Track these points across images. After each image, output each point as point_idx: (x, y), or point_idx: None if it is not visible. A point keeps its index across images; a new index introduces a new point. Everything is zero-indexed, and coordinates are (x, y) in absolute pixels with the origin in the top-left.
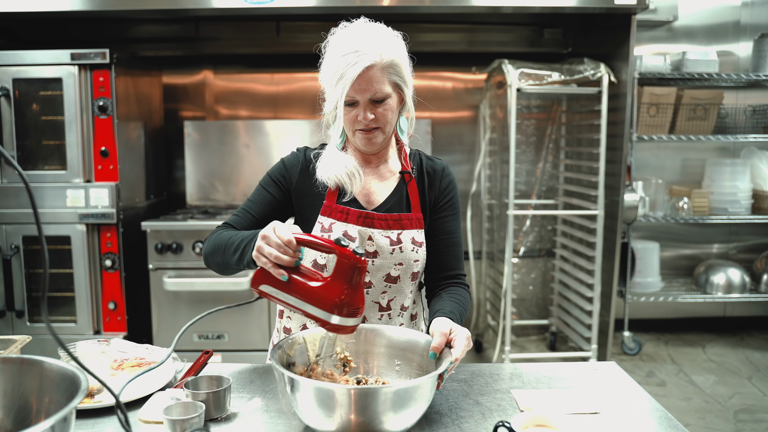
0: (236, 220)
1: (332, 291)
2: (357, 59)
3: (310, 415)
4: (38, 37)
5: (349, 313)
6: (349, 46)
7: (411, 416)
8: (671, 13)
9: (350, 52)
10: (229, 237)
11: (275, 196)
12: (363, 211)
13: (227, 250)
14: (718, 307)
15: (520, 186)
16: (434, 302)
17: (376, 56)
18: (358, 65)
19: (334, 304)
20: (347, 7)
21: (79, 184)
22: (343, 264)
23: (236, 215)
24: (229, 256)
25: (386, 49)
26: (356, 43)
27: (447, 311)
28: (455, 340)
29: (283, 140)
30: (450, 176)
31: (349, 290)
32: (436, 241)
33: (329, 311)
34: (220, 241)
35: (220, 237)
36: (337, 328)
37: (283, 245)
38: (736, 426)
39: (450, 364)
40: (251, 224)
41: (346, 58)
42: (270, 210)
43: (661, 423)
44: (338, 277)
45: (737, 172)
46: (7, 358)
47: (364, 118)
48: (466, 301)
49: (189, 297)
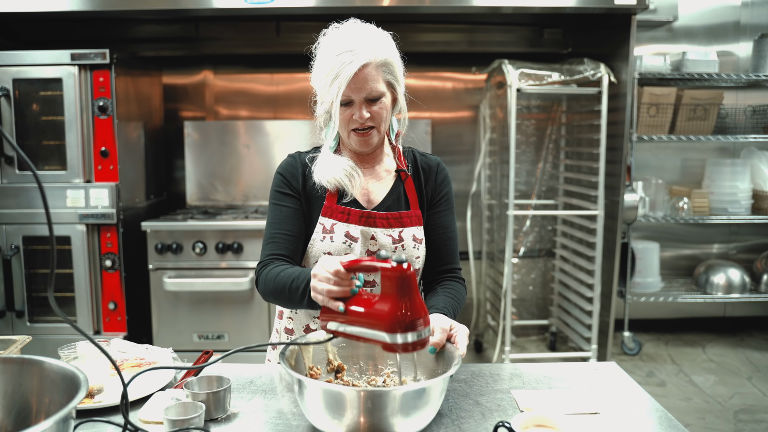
0: (278, 247)
1: (384, 308)
2: (352, 58)
3: (318, 417)
4: (38, 37)
5: (409, 326)
6: (344, 46)
7: (422, 419)
8: (671, 13)
9: (345, 51)
10: (290, 279)
11: (294, 207)
12: (364, 210)
13: (292, 293)
14: (718, 307)
15: (520, 186)
16: (429, 297)
17: (371, 55)
18: (354, 64)
19: (392, 322)
20: (347, 7)
21: (79, 184)
22: (388, 278)
23: (273, 242)
24: (297, 301)
25: (380, 48)
26: (350, 42)
27: (441, 307)
28: (457, 336)
29: (283, 140)
30: (444, 171)
31: (402, 303)
32: (433, 236)
33: (390, 331)
34: (280, 283)
35: (279, 278)
36: (405, 347)
37: (332, 276)
38: (736, 426)
39: (459, 361)
40: (292, 243)
41: (341, 57)
42: (299, 222)
43: (661, 423)
44: (387, 293)
45: (737, 173)
46: (7, 358)
47: (360, 117)
48: (461, 295)
49: (189, 297)
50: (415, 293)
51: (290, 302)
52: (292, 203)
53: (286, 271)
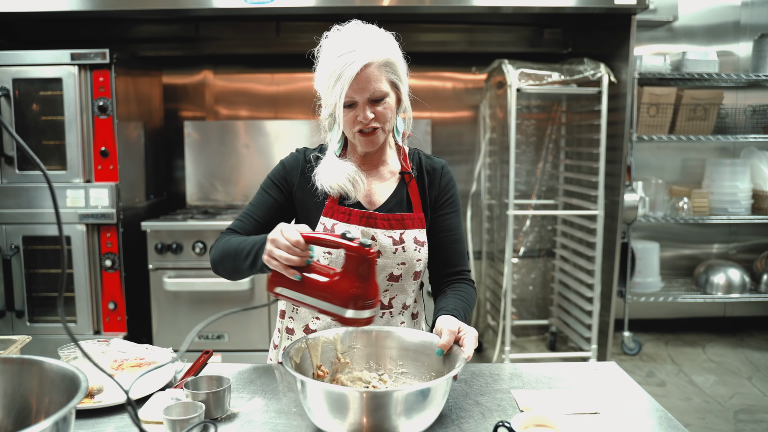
0: (240, 225)
1: (344, 285)
2: (354, 58)
3: (321, 418)
4: (38, 37)
5: (363, 305)
6: (345, 47)
7: (425, 420)
8: (671, 13)
9: (346, 52)
10: (238, 243)
11: (277, 199)
12: (365, 211)
13: (237, 256)
14: (718, 307)
15: (520, 186)
16: (439, 299)
17: (373, 54)
18: (356, 64)
19: (347, 298)
20: (347, 7)
21: (79, 184)
22: (352, 257)
23: (240, 220)
24: (240, 262)
25: (382, 47)
26: (351, 43)
27: (451, 309)
28: (464, 338)
29: (283, 140)
30: (449, 174)
31: (360, 282)
32: (439, 239)
33: (343, 305)
34: (228, 247)
35: (227, 243)
36: (353, 321)
37: (291, 246)
38: (736, 426)
39: (463, 362)
40: (255, 229)
41: (343, 58)
42: (273, 213)
43: (661, 423)
44: (348, 270)
45: (737, 173)
46: (7, 358)
47: (364, 117)
48: (471, 297)
49: (189, 297)
50: (373, 276)
51: (234, 265)
52: (276, 195)
53: (236, 238)
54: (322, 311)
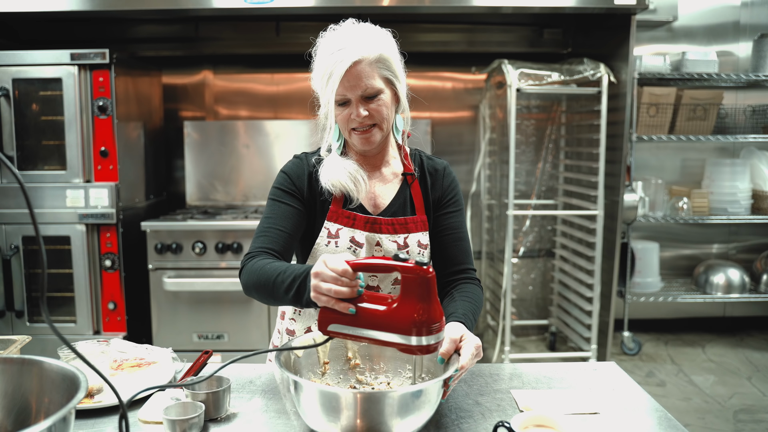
0: (268, 241)
1: (406, 311)
2: (344, 56)
3: (314, 419)
4: (38, 37)
5: (429, 330)
6: (336, 45)
7: (416, 421)
8: (671, 14)
9: (337, 50)
10: (275, 273)
11: (295, 207)
12: (370, 216)
13: (277, 288)
14: (718, 307)
15: (520, 186)
16: (447, 303)
17: (363, 51)
18: (345, 61)
19: (411, 325)
20: (347, 7)
21: (79, 184)
22: (410, 279)
23: (264, 236)
24: (280, 296)
25: (373, 44)
26: (342, 41)
27: (460, 314)
28: (463, 347)
29: (283, 140)
30: (452, 175)
31: (423, 305)
32: (442, 238)
33: (408, 334)
34: (264, 275)
35: (263, 270)
36: (420, 349)
37: (339, 277)
38: (735, 426)
39: (456, 371)
40: (283, 239)
41: (333, 56)
42: (296, 221)
43: (660, 423)
44: (408, 294)
45: (737, 173)
46: (7, 358)
47: (357, 115)
48: (479, 298)
49: (189, 297)
50: (434, 297)
51: (272, 296)
52: (291, 201)
53: (272, 264)
54: (386, 343)
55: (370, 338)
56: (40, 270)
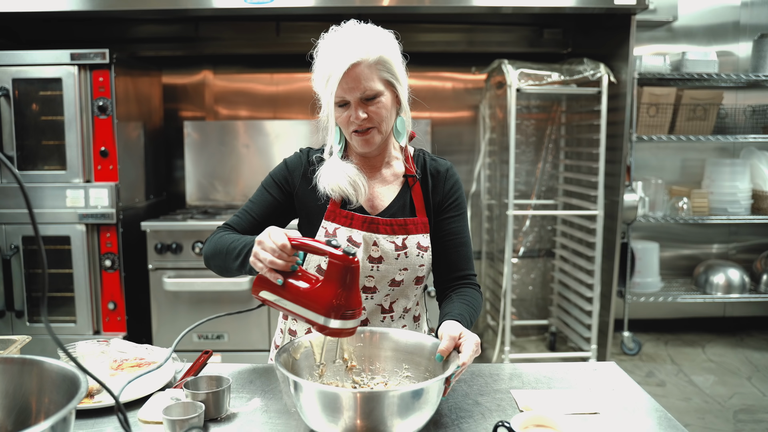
0: (236, 221)
1: (326, 293)
2: (342, 57)
3: (314, 418)
4: (38, 37)
5: (345, 315)
6: (336, 47)
7: (418, 420)
8: (671, 14)
9: (336, 51)
10: (230, 241)
11: (276, 198)
12: (368, 216)
13: (228, 255)
14: (718, 307)
15: (520, 186)
16: (444, 304)
17: (362, 53)
18: (344, 63)
19: (329, 307)
20: (347, 7)
21: (79, 184)
22: (335, 265)
23: (237, 216)
24: (230, 262)
25: (373, 46)
26: (342, 42)
27: (456, 314)
28: (464, 344)
29: (282, 140)
30: (455, 177)
31: (343, 292)
32: (444, 242)
33: (325, 314)
34: (220, 244)
35: (220, 240)
36: (334, 332)
37: (277, 249)
38: (735, 426)
39: (457, 368)
40: (251, 226)
41: (333, 58)
42: (271, 212)
43: (660, 423)
44: (331, 278)
45: (737, 173)
46: (7, 358)
47: (356, 117)
48: (477, 302)
49: (189, 297)
50: (356, 285)
51: (224, 263)
52: (276, 194)
53: (230, 235)
54: (303, 318)
55: (290, 311)
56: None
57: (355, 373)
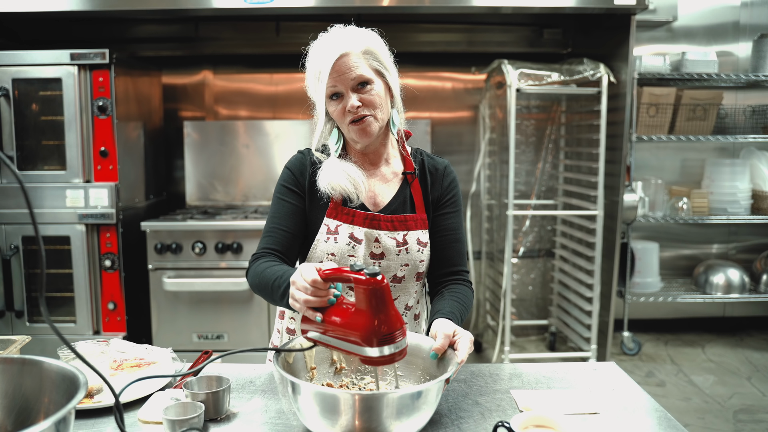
0: (272, 242)
1: (360, 321)
2: (330, 50)
3: (312, 420)
4: (38, 37)
5: (386, 339)
6: (323, 45)
7: (417, 422)
8: (671, 14)
9: (324, 48)
10: (273, 278)
11: (297, 205)
12: (369, 213)
13: (274, 293)
14: (718, 307)
15: (520, 186)
16: (436, 301)
17: (350, 45)
18: (332, 54)
19: (364, 335)
20: (347, 7)
21: (79, 184)
22: (362, 291)
23: (269, 235)
24: (278, 300)
25: (359, 38)
26: (329, 40)
27: (447, 312)
28: (459, 342)
29: (282, 140)
30: (452, 174)
31: (376, 316)
32: (438, 238)
33: (363, 344)
34: (264, 280)
35: (263, 274)
36: (379, 361)
37: (309, 286)
38: (735, 426)
39: (456, 366)
40: (287, 240)
41: (321, 54)
42: (298, 220)
43: (660, 423)
44: (361, 306)
45: (737, 173)
46: (7, 358)
47: (351, 105)
48: (468, 299)
49: (188, 297)
50: (389, 305)
51: (272, 300)
52: (294, 200)
53: (273, 268)
54: (348, 353)
55: (337, 348)
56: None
57: (344, 374)
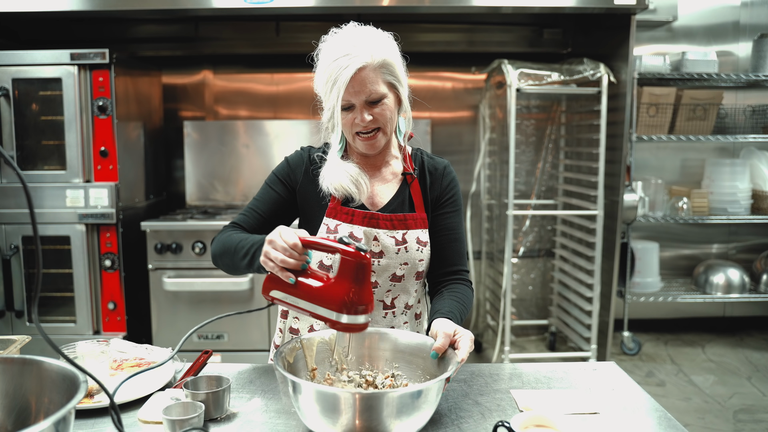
0: (243, 219)
1: (339, 290)
2: (348, 62)
3: (313, 419)
4: (38, 37)
5: (357, 310)
6: (340, 51)
7: (417, 421)
8: (671, 14)
9: (341, 56)
10: (238, 240)
11: (281, 195)
12: (368, 212)
13: (236, 253)
14: (718, 307)
15: (520, 186)
16: (435, 300)
17: (368, 57)
18: (350, 68)
19: (341, 303)
20: (347, 7)
21: (79, 184)
22: (348, 262)
23: (243, 214)
24: (238, 260)
25: (377, 49)
26: (346, 46)
27: (446, 311)
28: (459, 341)
29: (282, 140)
30: (452, 174)
31: (355, 288)
32: (438, 237)
33: (337, 311)
34: (229, 243)
35: (229, 239)
36: (347, 327)
37: (288, 248)
38: (735, 426)
39: (456, 365)
40: (258, 223)
41: (338, 62)
42: (276, 208)
43: (660, 423)
44: (343, 275)
45: (737, 173)
46: (7, 358)
47: (362, 120)
48: (468, 298)
49: (188, 297)
50: (367, 282)
51: (233, 262)
52: (280, 190)
53: (238, 234)
54: (316, 316)
55: (303, 309)
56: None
57: (345, 373)
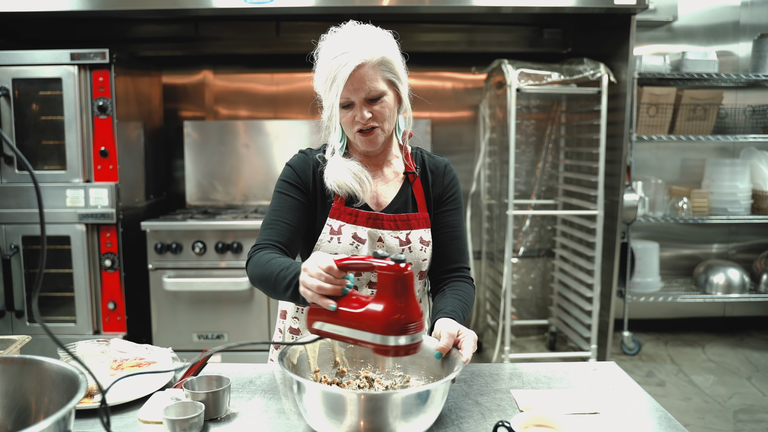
0: (274, 234)
1: (379, 310)
2: (347, 60)
3: (317, 420)
4: (38, 37)
5: (404, 330)
6: (339, 49)
7: (423, 423)
8: (671, 13)
9: (340, 53)
10: (278, 269)
11: (300, 200)
12: (372, 212)
13: (278, 285)
14: (718, 307)
15: (520, 186)
16: (438, 299)
17: (366, 54)
18: (349, 65)
19: (385, 324)
20: (347, 7)
21: (79, 184)
22: (386, 277)
23: (271, 228)
24: (280, 293)
25: (375, 46)
26: (345, 44)
27: (449, 311)
28: (463, 341)
29: (282, 140)
30: (452, 172)
31: (398, 304)
32: (439, 235)
33: (382, 333)
34: (268, 271)
35: (267, 266)
36: (396, 350)
37: (324, 273)
38: (735, 426)
39: (461, 366)
40: (290, 233)
41: (337, 60)
42: (300, 215)
43: (660, 423)
44: (383, 292)
45: (737, 172)
46: (7, 358)
47: (362, 117)
48: (470, 297)
49: (189, 297)
50: (411, 295)
51: (274, 291)
52: (297, 195)
53: (277, 260)
54: (361, 342)
55: (347, 337)
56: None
57: (347, 376)
